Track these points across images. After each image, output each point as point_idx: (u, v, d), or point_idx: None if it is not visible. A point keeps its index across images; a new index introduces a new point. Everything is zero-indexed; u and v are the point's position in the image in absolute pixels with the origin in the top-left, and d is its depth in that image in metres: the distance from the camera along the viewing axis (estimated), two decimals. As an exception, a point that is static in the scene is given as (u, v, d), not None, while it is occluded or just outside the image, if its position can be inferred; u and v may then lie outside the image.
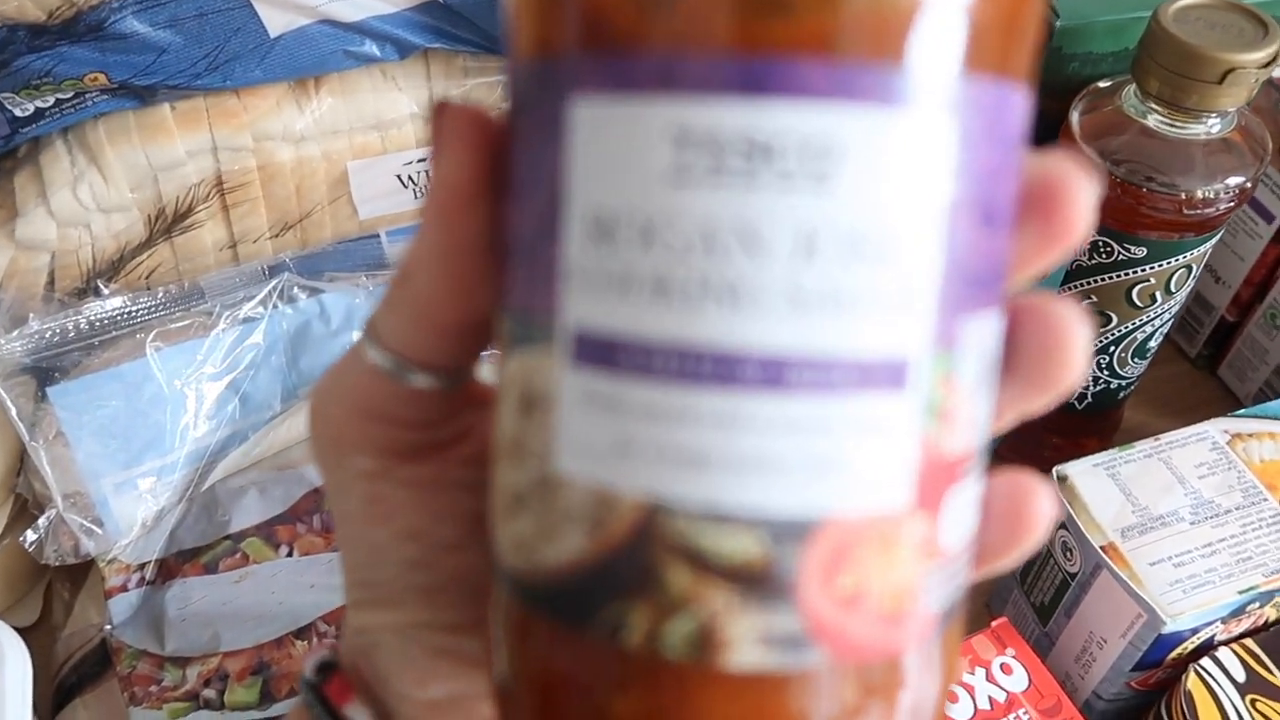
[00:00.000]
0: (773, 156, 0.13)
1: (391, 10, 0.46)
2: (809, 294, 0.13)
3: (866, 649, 0.14)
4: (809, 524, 0.13)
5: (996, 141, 0.14)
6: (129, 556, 0.45)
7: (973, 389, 0.15)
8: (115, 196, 0.46)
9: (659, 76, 0.13)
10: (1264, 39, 0.38)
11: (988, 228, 0.14)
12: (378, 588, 0.19)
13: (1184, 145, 0.40)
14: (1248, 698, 0.38)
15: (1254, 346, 0.55)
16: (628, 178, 0.13)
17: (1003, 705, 0.39)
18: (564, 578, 0.14)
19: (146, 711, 0.41)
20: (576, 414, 0.14)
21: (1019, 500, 0.17)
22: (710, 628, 0.13)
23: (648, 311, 0.13)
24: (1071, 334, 0.16)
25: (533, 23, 0.14)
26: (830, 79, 0.12)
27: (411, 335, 0.17)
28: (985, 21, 0.13)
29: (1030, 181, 0.15)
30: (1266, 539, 0.39)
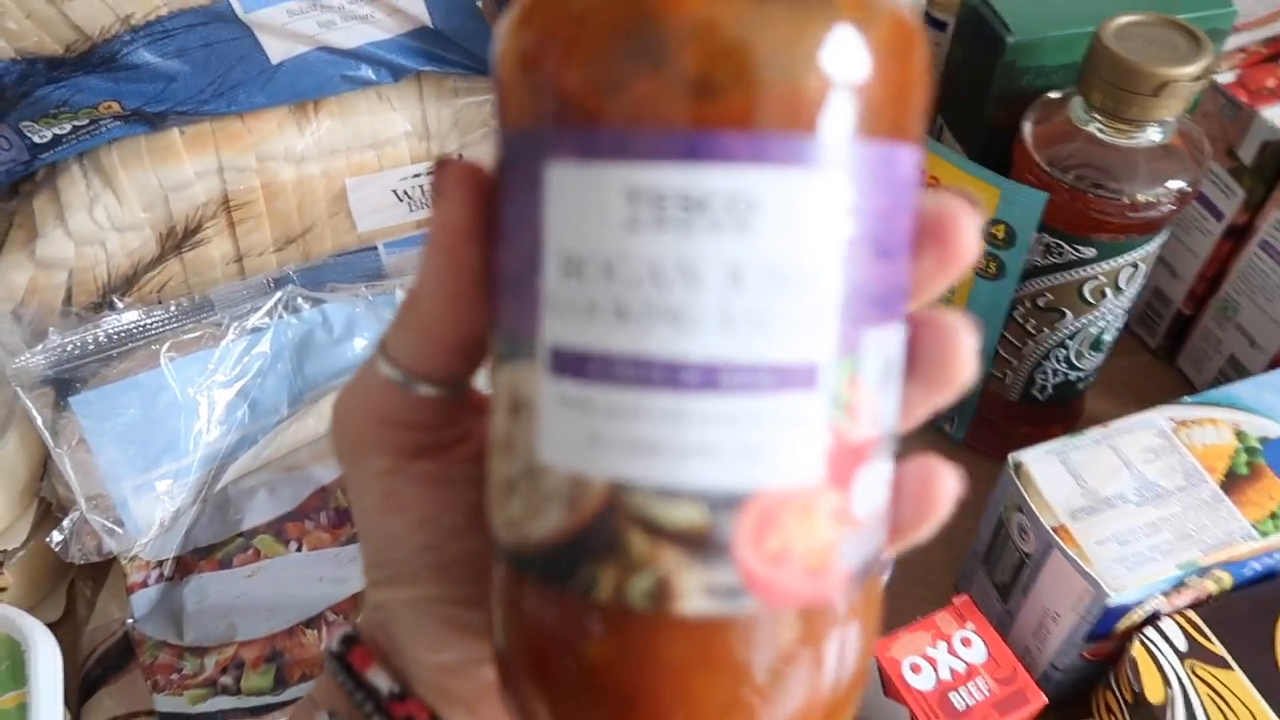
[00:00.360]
0: (705, 209, 0.16)
1: (385, 37, 0.48)
2: (736, 315, 0.16)
3: (792, 597, 0.17)
4: (741, 497, 0.16)
5: (887, 189, 0.17)
6: (149, 554, 0.48)
7: (875, 388, 0.18)
8: (129, 216, 0.49)
9: (614, 147, 0.16)
10: (1196, 54, 0.41)
11: (883, 258, 0.17)
12: (394, 568, 0.22)
13: (1127, 152, 0.43)
14: (1188, 664, 0.41)
15: (1209, 338, 0.58)
16: (592, 226, 0.16)
17: (963, 675, 0.42)
18: (547, 548, 0.17)
19: (169, 698, 0.44)
20: (554, 415, 0.17)
21: (927, 481, 0.20)
22: (664, 582, 0.16)
23: (609, 331, 0.16)
24: (960, 340, 0.19)
25: (517, 102, 0.17)
26: (748, 147, 0.15)
27: (418, 352, 0.20)
28: (874, 100, 0.16)
29: (926, 216, 0.18)
30: (1205, 518, 0.42)
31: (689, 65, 0.15)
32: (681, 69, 0.15)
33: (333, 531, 0.48)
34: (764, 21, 0.15)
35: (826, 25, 0.16)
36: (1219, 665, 0.41)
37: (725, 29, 0.15)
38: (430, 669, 0.22)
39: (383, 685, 0.22)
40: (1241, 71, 0.52)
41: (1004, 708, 0.41)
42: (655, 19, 0.15)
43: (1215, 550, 0.41)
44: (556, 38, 0.16)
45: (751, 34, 0.15)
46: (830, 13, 0.16)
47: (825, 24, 0.16)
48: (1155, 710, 0.40)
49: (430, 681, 0.22)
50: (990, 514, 0.47)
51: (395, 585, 0.22)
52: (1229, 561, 0.42)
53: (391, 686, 0.22)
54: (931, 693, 0.42)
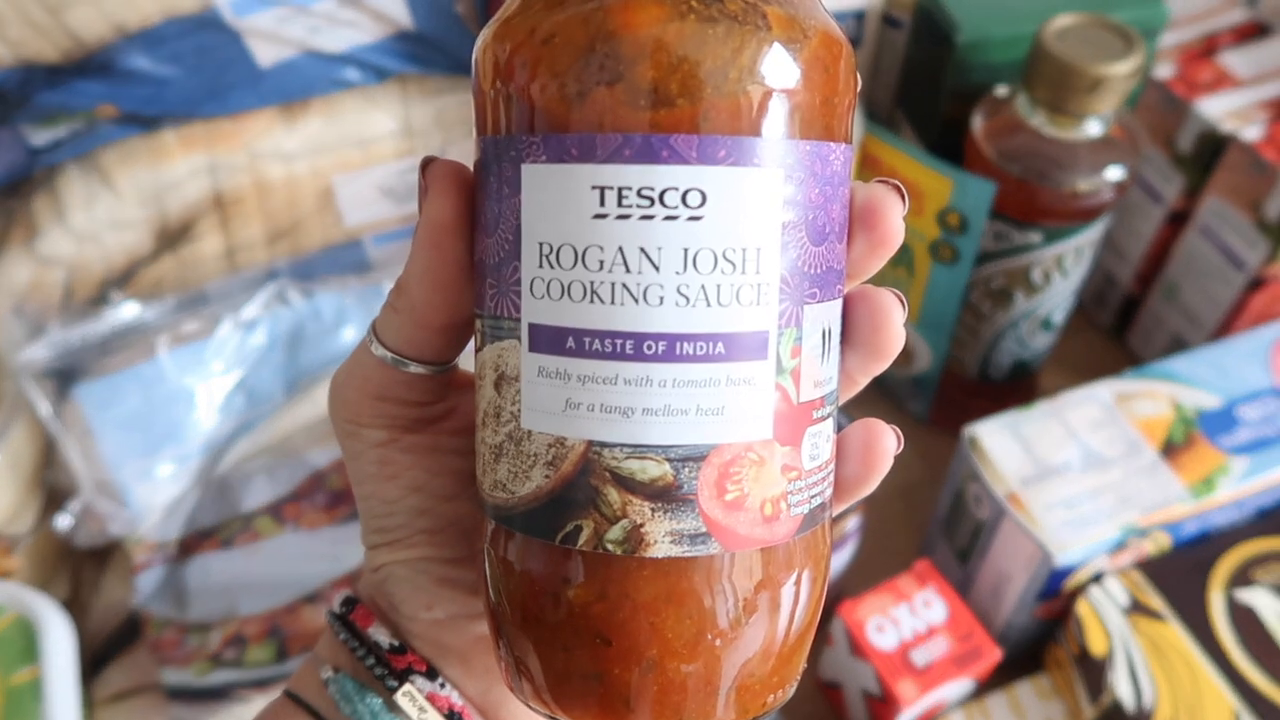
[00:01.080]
0: (662, 201, 0.18)
1: (369, 40, 0.51)
2: (692, 292, 0.19)
3: (749, 541, 0.20)
4: (702, 453, 0.19)
5: (819, 183, 0.19)
6: (153, 537, 0.50)
7: (816, 356, 0.20)
8: (125, 214, 0.51)
9: (582, 149, 0.18)
10: (1129, 52, 0.44)
11: (819, 244, 0.20)
12: (391, 532, 0.24)
13: (1069, 145, 0.46)
14: (1130, 618, 0.44)
15: (1154, 317, 0.61)
16: (564, 217, 0.19)
17: (924, 634, 0.45)
18: (531, 505, 0.20)
19: (176, 670, 0.47)
20: (534, 386, 0.20)
21: (870, 441, 0.22)
22: (637, 530, 0.19)
23: (582, 309, 0.19)
24: (892, 314, 0.22)
25: (495, 113, 0.20)
26: (697, 149, 0.18)
27: (408, 335, 0.22)
28: (804, 107, 0.19)
29: (858, 205, 0.21)
30: (1143, 483, 0.45)
31: (643, 79, 0.18)
32: (637, 82, 0.18)
33: (328, 512, 0.50)
34: (706, 41, 0.18)
35: (760, 44, 0.18)
36: (1157, 619, 0.44)
37: (673, 48, 0.18)
38: (425, 624, 0.24)
39: (383, 640, 0.24)
40: (1179, 66, 0.55)
41: (962, 663, 0.44)
42: (613, 39, 0.18)
43: (1153, 512, 0.44)
44: (529, 56, 0.19)
45: (696, 52, 0.18)
46: (763, 34, 0.18)
47: (759, 43, 0.18)
48: (1099, 662, 0.44)
49: (426, 636, 0.24)
50: (949, 484, 0.50)
51: (393, 548, 0.24)
52: (1166, 523, 0.45)
53: (391, 641, 0.24)
54: (895, 651, 0.45)
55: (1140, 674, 0.43)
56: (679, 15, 0.18)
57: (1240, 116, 0.52)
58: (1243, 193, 0.52)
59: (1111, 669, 0.43)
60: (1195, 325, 0.58)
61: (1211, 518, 0.46)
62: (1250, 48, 0.56)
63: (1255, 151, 0.51)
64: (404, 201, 0.57)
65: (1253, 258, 0.53)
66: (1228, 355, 0.50)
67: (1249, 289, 0.54)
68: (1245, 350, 0.50)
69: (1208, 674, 0.42)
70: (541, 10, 0.19)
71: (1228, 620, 0.44)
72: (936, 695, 0.44)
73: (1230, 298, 0.55)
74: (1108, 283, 0.63)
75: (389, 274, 0.57)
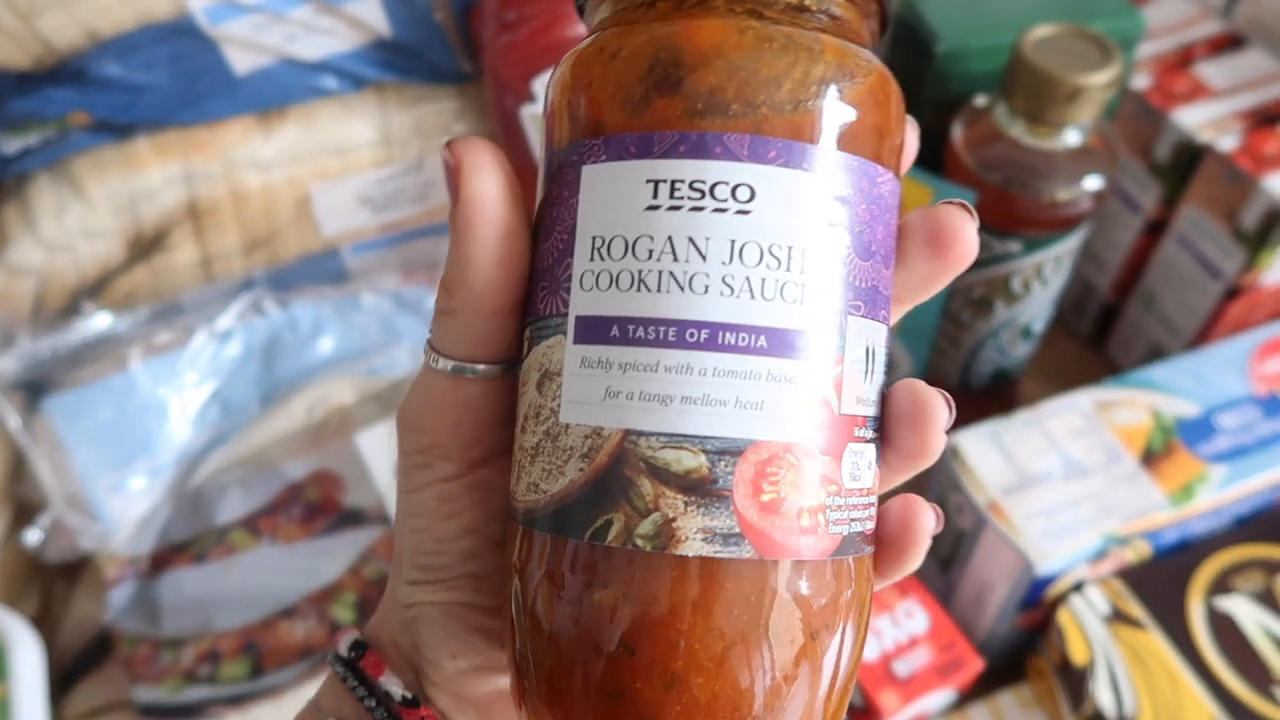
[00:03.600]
0: (712, 194, 0.19)
1: (347, 48, 0.50)
2: (737, 284, 0.19)
3: (784, 549, 0.19)
4: (740, 447, 0.18)
5: (867, 200, 0.20)
6: (125, 551, 0.49)
7: (859, 372, 0.20)
8: (97, 223, 0.50)
9: (640, 147, 0.19)
10: (1107, 63, 0.44)
11: (865, 259, 0.20)
12: (435, 571, 0.23)
13: (1048, 154, 0.47)
14: (1110, 627, 0.44)
15: (1133, 325, 0.61)
16: (617, 210, 0.19)
17: (906, 644, 0.45)
18: (563, 500, 0.19)
19: (148, 688, 0.46)
20: (575, 377, 0.19)
21: (909, 519, 0.21)
22: (668, 525, 0.18)
23: (628, 298, 0.19)
24: (937, 414, 0.21)
25: (561, 126, 0.21)
26: (749, 147, 0.19)
27: (472, 333, 0.21)
28: (853, 126, 0.20)
29: (930, 224, 0.21)
30: (1123, 491, 0.45)
31: (702, 85, 0.19)
32: (696, 88, 0.19)
33: (304, 525, 0.50)
34: (763, 55, 0.19)
35: (814, 62, 0.19)
36: (1138, 627, 0.44)
37: (732, 59, 0.19)
38: (448, 673, 0.23)
39: (396, 691, 0.23)
40: (1155, 77, 0.56)
41: (944, 673, 0.44)
42: (676, 50, 0.19)
43: (1133, 521, 0.44)
44: (598, 69, 0.20)
45: (752, 64, 0.19)
46: (817, 53, 0.19)
47: (812, 60, 0.19)
48: (1080, 671, 0.43)
49: (446, 685, 0.23)
50: (930, 494, 0.50)
51: (433, 588, 0.23)
52: (1146, 531, 0.45)
53: (404, 693, 0.23)
54: (876, 661, 0.44)
55: (1121, 682, 0.43)
56: (738, 32, 0.19)
57: (1216, 127, 0.53)
58: (1219, 202, 0.53)
59: (1092, 678, 0.43)
60: (1173, 334, 0.58)
61: (1191, 526, 0.46)
62: (1226, 59, 0.57)
63: (1231, 162, 0.51)
64: (382, 210, 0.57)
65: (1229, 267, 0.53)
66: (1206, 364, 0.50)
67: (1226, 298, 0.54)
68: (1223, 359, 0.51)
69: (1188, 682, 0.42)
70: (613, 34, 0.20)
71: (1207, 628, 0.44)
72: (919, 706, 0.44)
73: (1207, 307, 0.55)
74: (1087, 292, 0.64)
75: (367, 284, 0.57)
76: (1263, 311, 0.56)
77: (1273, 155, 0.51)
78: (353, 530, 0.50)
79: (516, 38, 0.49)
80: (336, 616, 0.48)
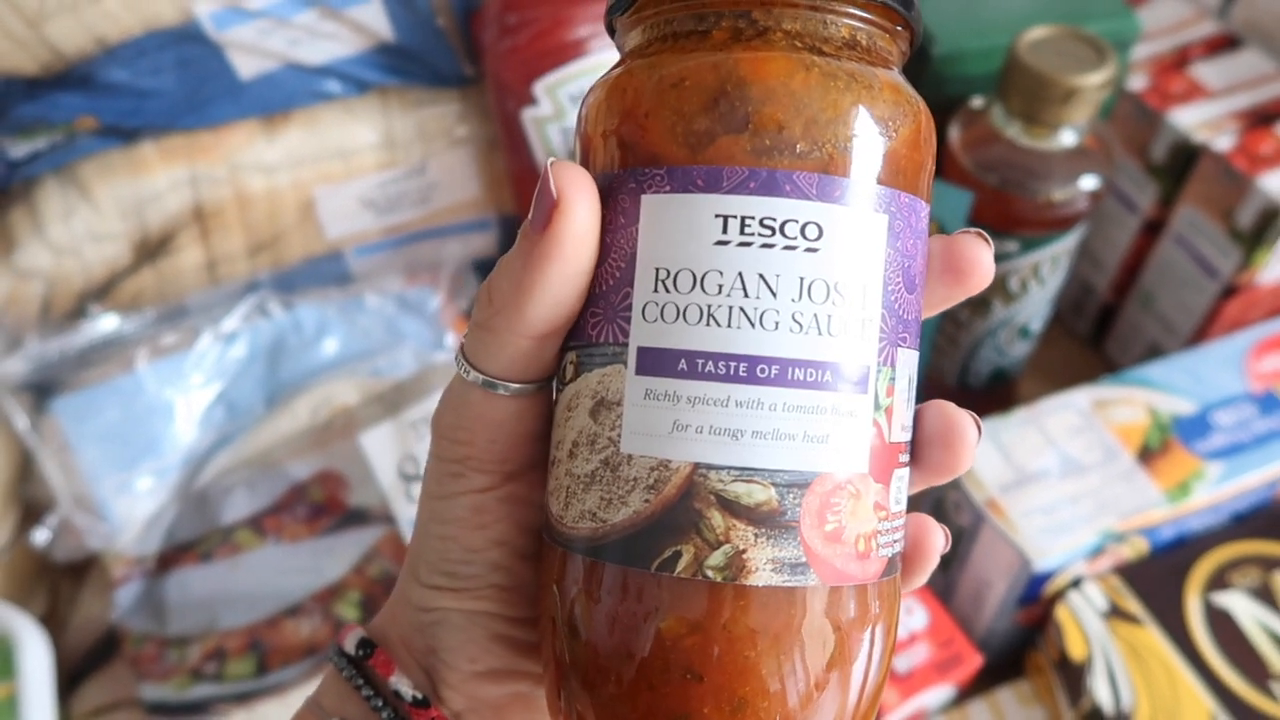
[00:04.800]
0: (783, 232, 0.19)
1: (350, 53, 0.51)
2: (806, 320, 0.19)
3: (844, 575, 0.20)
4: (807, 479, 0.19)
5: (913, 234, 0.21)
6: (131, 551, 0.50)
7: (905, 400, 0.21)
8: (104, 226, 0.51)
9: (708, 180, 0.19)
10: (1101, 64, 0.45)
11: (909, 291, 0.21)
12: (461, 579, 0.23)
13: (1044, 155, 0.47)
14: (1108, 623, 0.44)
15: (1131, 325, 0.62)
16: (684, 244, 0.19)
17: (905, 641, 0.45)
18: (627, 530, 0.19)
19: (155, 686, 0.46)
20: (638, 408, 0.20)
21: (920, 538, 0.22)
22: (739, 556, 0.19)
23: (696, 332, 0.19)
24: (967, 433, 0.22)
25: (609, 151, 0.21)
26: (818, 186, 0.19)
27: (510, 354, 0.21)
28: (903, 162, 0.20)
29: (952, 252, 0.22)
30: (1121, 488, 0.46)
31: (770, 122, 0.19)
32: (764, 124, 0.19)
33: (309, 524, 0.50)
34: (829, 93, 0.19)
35: (875, 101, 0.20)
36: (1135, 623, 0.44)
37: (799, 96, 0.19)
38: (466, 675, 0.23)
39: (405, 691, 0.23)
40: (1152, 78, 0.56)
41: (943, 669, 0.45)
42: (743, 84, 0.19)
43: (1130, 517, 0.45)
44: (657, 98, 0.20)
45: (819, 102, 0.19)
46: (877, 93, 0.20)
47: (874, 100, 0.20)
48: (1078, 667, 0.44)
49: (462, 687, 0.23)
50: (929, 492, 0.51)
51: (457, 596, 0.23)
52: (1144, 528, 0.45)
53: (415, 693, 0.23)
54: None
55: (1119, 678, 0.43)
56: (804, 68, 0.19)
57: (1212, 127, 0.53)
58: (1215, 202, 0.53)
59: (1090, 674, 0.43)
60: (1171, 333, 0.59)
61: (1188, 522, 0.47)
62: (1221, 59, 0.57)
63: (1227, 161, 0.51)
64: (385, 213, 0.57)
65: (1226, 266, 0.54)
66: (1203, 362, 0.51)
67: (1223, 296, 0.55)
68: (1220, 357, 0.51)
69: (1185, 677, 0.43)
70: (669, 58, 0.20)
71: (1205, 624, 0.44)
72: (918, 702, 0.44)
73: (1204, 305, 0.56)
74: (1085, 292, 0.64)
75: (371, 286, 0.57)
76: (1259, 310, 0.56)
77: (1268, 155, 0.52)
78: (357, 529, 0.50)
79: (518, 42, 0.49)
80: (341, 615, 0.48)
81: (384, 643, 0.24)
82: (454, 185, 0.57)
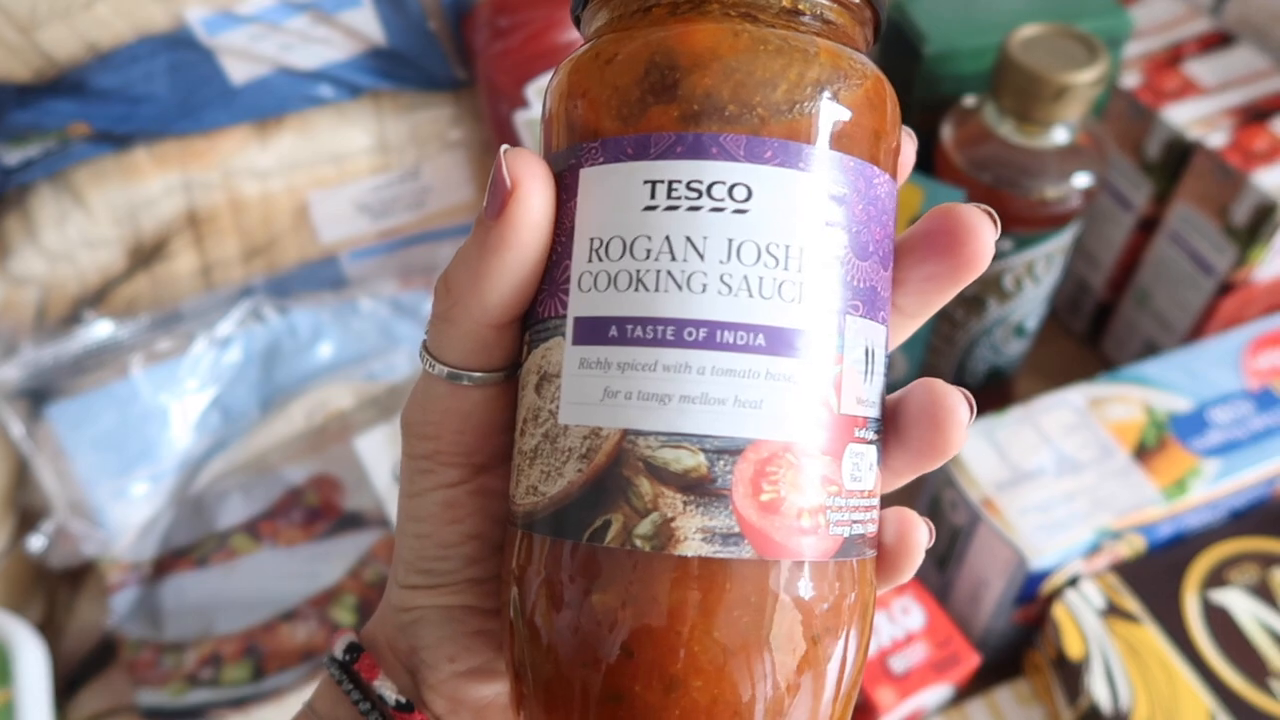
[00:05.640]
0: (709, 194, 0.19)
1: (342, 57, 0.51)
2: (735, 282, 0.19)
3: (784, 549, 0.19)
4: (739, 446, 0.18)
5: (863, 200, 0.20)
6: (127, 557, 0.49)
7: (859, 372, 0.20)
8: (98, 233, 0.51)
9: (637, 149, 0.19)
10: (1093, 61, 0.45)
11: (862, 259, 0.20)
12: (437, 576, 0.23)
13: (1036, 153, 0.47)
14: (1106, 621, 0.44)
15: (1127, 323, 0.62)
16: (616, 211, 0.19)
17: (902, 641, 0.45)
18: (562, 502, 0.19)
19: (152, 692, 0.46)
20: (574, 378, 0.19)
21: (904, 532, 0.21)
22: (667, 525, 0.18)
23: (626, 299, 0.19)
24: (956, 411, 0.20)
25: (559, 131, 0.21)
26: (745, 147, 0.19)
27: (471, 342, 0.21)
28: (848, 127, 0.20)
29: (945, 222, 0.20)
30: (1117, 486, 0.45)
31: (698, 87, 0.19)
32: (692, 90, 0.19)
33: (305, 529, 0.50)
34: (758, 56, 0.19)
35: (808, 64, 0.20)
36: (1133, 621, 0.44)
37: (727, 60, 0.19)
38: (446, 675, 0.23)
39: (389, 695, 0.23)
40: (1145, 75, 0.56)
41: (941, 669, 0.45)
42: (671, 53, 0.19)
43: (1127, 515, 0.45)
44: (595, 75, 0.20)
45: (747, 65, 0.19)
46: (811, 55, 0.20)
47: (807, 63, 0.20)
48: (1076, 665, 0.44)
49: (443, 688, 0.23)
50: (925, 491, 0.50)
51: (434, 593, 0.23)
52: (1140, 525, 0.45)
53: (398, 697, 0.23)
54: (873, 657, 0.45)
55: (1117, 676, 0.43)
56: (733, 34, 0.19)
57: (1206, 124, 0.53)
58: (1210, 199, 0.53)
59: (1088, 672, 0.43)
60: (1167, 330, 0.59)
61: (1185, 520, 0.47)
62: (1215, 56, 0.57)
63: (1221, 158, 0.51)
64: (379, 217, 0.57)
65: (1221, 263, 0.53)
66: (1198, 359, 0.50)
67: (1219, 294, 0.54)
68: (1216, 354, 0.51)
69: (1183, 675, 0.43)
70: (609, 40, 0.20)
71: (1202, 621, 0.44)
72: (915, 702, 0.44)
73: (1200, 303, 0.56)
74: (1081, 290, 0.64)
75: (365, 290, 0.57)
76: (1255, 307, 0.56)
77: (1262, 151, 0.51)
78: (352, 533, 0.50)
79: (509, 44, 0.49)
80: (337, 619, 0.48)
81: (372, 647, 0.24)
82: (448, 189, 0.57)
